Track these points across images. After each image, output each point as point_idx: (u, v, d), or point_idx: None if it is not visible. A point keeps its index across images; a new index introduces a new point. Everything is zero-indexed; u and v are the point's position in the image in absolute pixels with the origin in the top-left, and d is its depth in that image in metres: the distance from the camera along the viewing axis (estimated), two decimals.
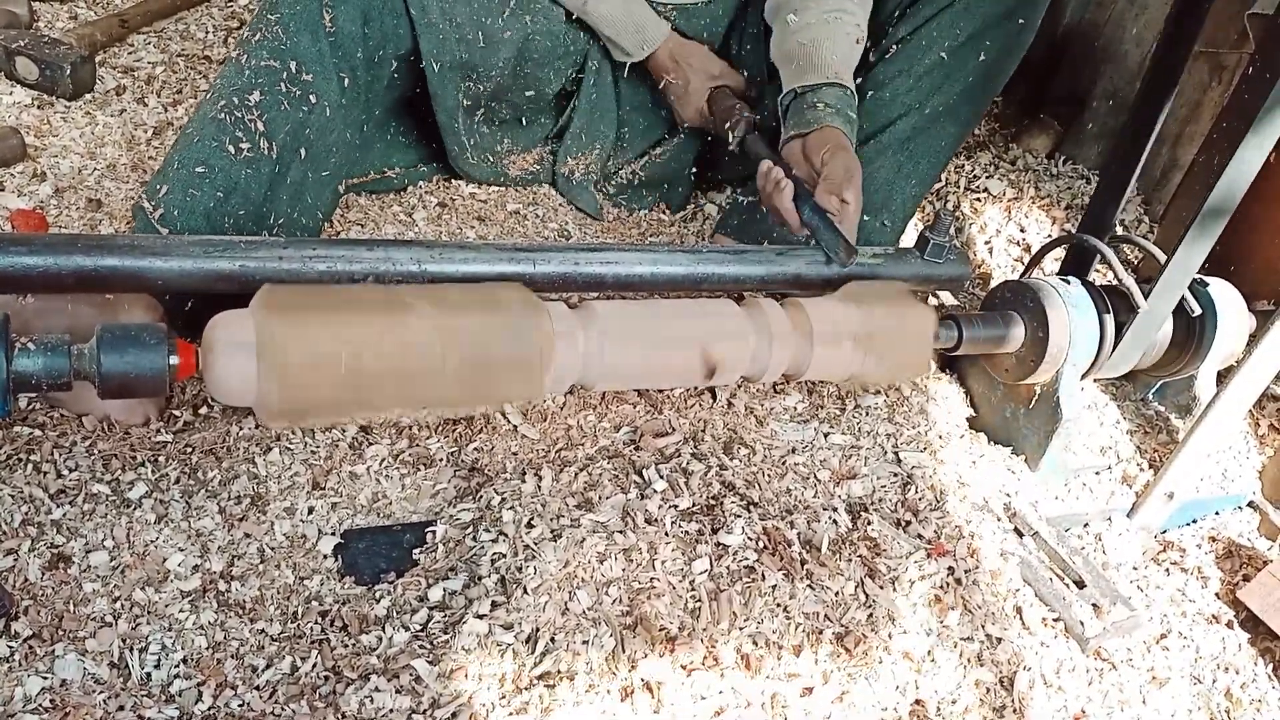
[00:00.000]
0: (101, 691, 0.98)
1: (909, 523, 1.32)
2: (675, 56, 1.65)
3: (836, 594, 1.20)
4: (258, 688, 1.02)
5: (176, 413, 1.28)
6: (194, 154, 1.30)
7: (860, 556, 1.25)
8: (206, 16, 2.18)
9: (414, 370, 1.13)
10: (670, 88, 1.68)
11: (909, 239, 1.83)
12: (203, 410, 1.29)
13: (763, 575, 1.18)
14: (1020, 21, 1.56)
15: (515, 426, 1.34)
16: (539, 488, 1.25)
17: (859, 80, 1.59)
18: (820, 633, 1.16)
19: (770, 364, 1.35)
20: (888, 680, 1.13)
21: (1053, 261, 1.80)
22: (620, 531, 1.18)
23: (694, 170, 1.88)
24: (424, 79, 1.54)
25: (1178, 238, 1.37)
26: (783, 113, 1.54)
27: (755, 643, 1.13)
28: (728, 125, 1.60)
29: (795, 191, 1.42)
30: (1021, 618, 1.27)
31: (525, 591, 1.09)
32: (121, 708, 0.97)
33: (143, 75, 1.93)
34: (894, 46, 1.60)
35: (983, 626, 1.22)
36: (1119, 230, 1.57)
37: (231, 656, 1.04)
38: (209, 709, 0.99)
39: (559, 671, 1.04)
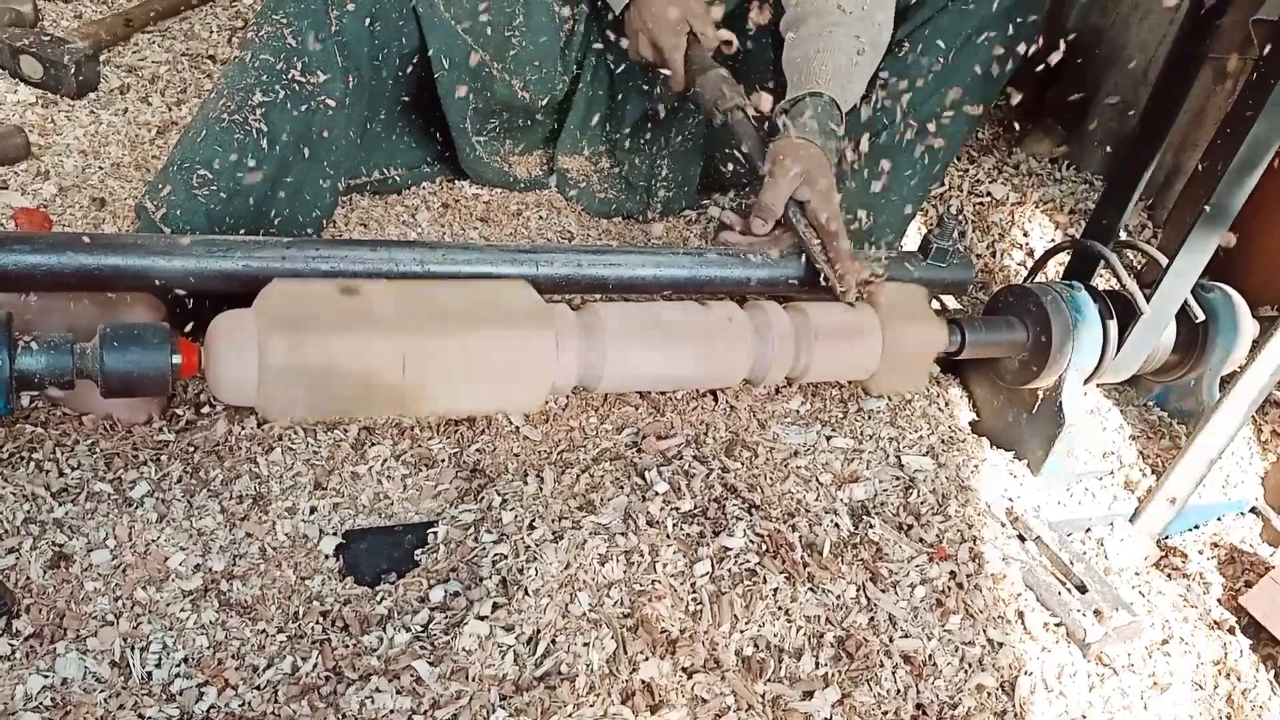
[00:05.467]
0: (102, 690, 0.98)
1: (911, 526, 1.32)
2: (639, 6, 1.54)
3: (838, 597, 1.20)
4: (258, 687, 1.02)
5: (179, 412, 1.28)
6: (197, 154, 1.30)
7: (862, 560, 1.25)
8: (211, 16, 2.19)
9: (416, 371, 1.13)
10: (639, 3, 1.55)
11: (912, 242, 1.83)
12: (205, 409, 1.29)
13: (764, 578, 1.18)
14: (1020, 20, 1.56)
15: (517, 428, 1.34)
16: (541, 489, 1.25)
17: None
18: (822, 636, 1.15)
19: (772, 367, 1.35)
20: (889, 684, 1.13)
21: (1056, 266, 1.80)
22: (622, 533, 1.18)
23: (700, 165, 1.87)
24: (427, 77, 1.54)
25: (1179, 243, 1.37)
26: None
27: (756, 646, 1.13)
28: (715, 108, 1.52)
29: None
30: (1023, 622, 1.27)
31: (526, 593, 1.09)
32: (122, 707, 0.97)
33: (147, 74, 1.94)
34: (894, 49, 1.60)
35: (984, 631, 1.22)
36: (1123, 235, 1.57)
37: (232, 656, 1.04)
38: (209, 708, 0.99)
39: (560, 673, 1.04)
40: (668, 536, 1.20)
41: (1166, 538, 1.52)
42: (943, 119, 1.61)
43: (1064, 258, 1.71)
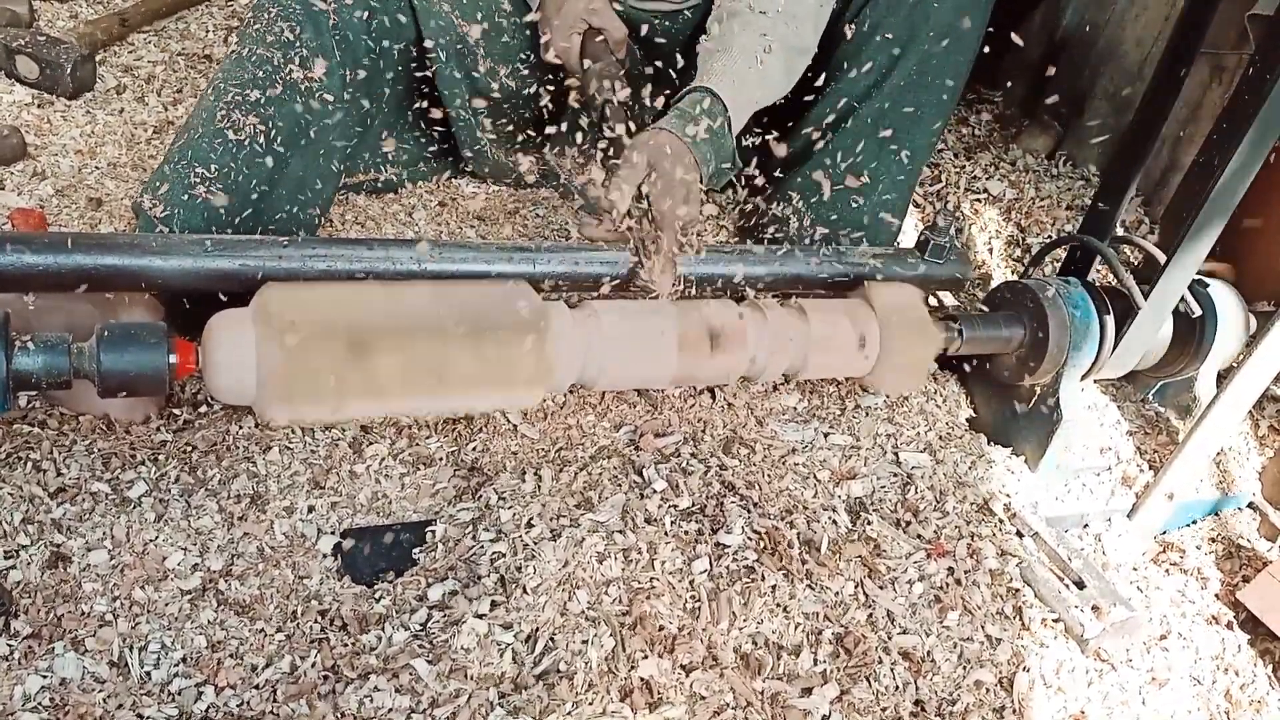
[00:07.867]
0: (101, 690, 0.98)
1: (909, 523, 1.32)
2: None
3: (836, 594, 1.20)
4: (257, 687, 1.02)
5: (176, 411, 1.28)
6: (195, 152, 1.30)
7: (860, 557, 1.25)
8: (206, 15, 2.19)
9: (412, 372, 1.13)
10: (545, 4, 1.54)
11: (909, 238, 1.83)
12: (202, 409, 1.29)
13: (762, 575, 1.18)
14: None
15: (515, 426, 1.34)
16: (539, 487, 1.25)
17: (823, 73, 1.57)
18: (820, 633, 1.16)
19: (770, 364, 1.35)
20: (888, 681, 1.13)
21: (1053, 262, 1.80)
22: (620, 531, 1.18)
23: None
24: (426, 74, 1.53)
25: (1177, 238, 1.37)
26: None
27: (755, 643, 1.13)
28: (593, 101, 1.49)
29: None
30: (1021, 618, 1.27)
31: (525, 591, 1.09)
32: (121, 706, 0.97)
33: (143, 74, 1.93)
34: (842, 34, 1.57)
35: (982, 627, 1.22)
36: (1119, 231, 1.57)
37: (231, 655, 1.04)
38: (208, 708, 0.99)
39: (558, 671, 1.04)
40: (666, 534, 1.20)
41: (1164, 533, 1.52)
42: (907, 87, 1.57)
43: (1060, 253, 1.71)
